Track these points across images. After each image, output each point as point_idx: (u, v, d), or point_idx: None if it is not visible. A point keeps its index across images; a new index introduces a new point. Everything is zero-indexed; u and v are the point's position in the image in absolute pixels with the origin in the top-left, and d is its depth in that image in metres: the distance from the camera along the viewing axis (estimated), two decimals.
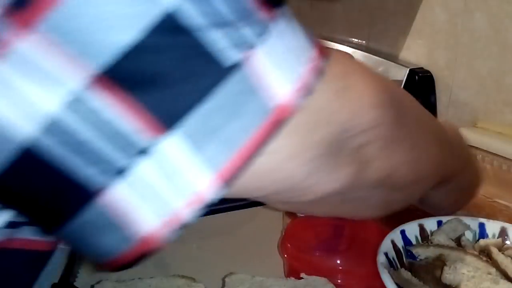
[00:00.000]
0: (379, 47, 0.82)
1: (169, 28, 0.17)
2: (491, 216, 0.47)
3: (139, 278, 0.38)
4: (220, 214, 0.52)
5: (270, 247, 0.44)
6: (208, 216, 0.53)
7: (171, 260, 0.43)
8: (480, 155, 0.57)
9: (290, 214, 0.44)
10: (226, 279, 0.37)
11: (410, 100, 0.29)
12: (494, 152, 0.57)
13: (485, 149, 0.58)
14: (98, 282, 0.37)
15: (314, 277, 0.36)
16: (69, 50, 0.16)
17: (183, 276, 0.38)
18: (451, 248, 0.36)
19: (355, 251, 0.41)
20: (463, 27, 0.67)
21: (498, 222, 0.39)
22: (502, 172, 0.54)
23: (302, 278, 0.36)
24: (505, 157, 0.55)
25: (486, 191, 0.54)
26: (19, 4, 0.16)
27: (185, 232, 0.50)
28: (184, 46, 0.17)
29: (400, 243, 0.36)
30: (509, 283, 0.32)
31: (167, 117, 0.18)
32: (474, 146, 0.59)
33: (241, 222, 0.51)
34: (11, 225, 0.21)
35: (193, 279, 0.38)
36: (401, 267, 0.34)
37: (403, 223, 0.37)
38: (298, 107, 0.20)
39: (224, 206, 0.54)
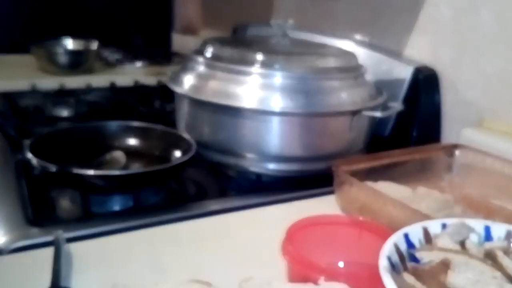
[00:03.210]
0: (382, 44, 0.81)
1: None
2: (489, 217, 0.47)
3: (154, 283, 0.37)
4: (221, 215, 0.52)
5: (271, 249, 0.43)
6: (208, 218, 0.53)
7: (170, 262, 0.42)
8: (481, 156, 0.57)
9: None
10: (242, 284, 0.37)
11: None
12: (501, 152, 0.57)
13: (491, 149, 0.57)
14: (112, 287, 0.37)
15: (333, 283, 0.35)
16: None
17: (198, 281, 0.37)
18: (455, 251, 0.35)
19: (358, 254, 0.41)
20: (469, 24, 0.66)
21: (503, 225, 0.38)
22: (504, 175, 0.54)
23: (319, 284, 0.35)
24: (507, 159, 0.55)
25: (484, 193, 0.53)
26: None
27: (184, 234, 0.50)
28: None
29: (403, 247, 0.35)
30: None
31: None
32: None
33: (241, 224, 0.51)
34: None
35: (209, 284, 0.37)
36: (404, 271, 0.34)
37: None
38: None
39: (225, 207, 0.54)
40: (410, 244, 0.35)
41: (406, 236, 0.36)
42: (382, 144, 0.67)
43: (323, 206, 0.53)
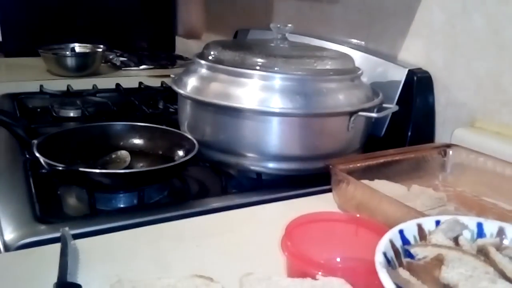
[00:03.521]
0: (378, 48, 0.82)
1: None
2: (481, 214, 0.48)
3: (158, 278, 0.38)
4: (221, 213, 0.52)
5: (271, 245, 0.44)
6: (210, 215, 0.53)
7: (173, 258, 0.43)
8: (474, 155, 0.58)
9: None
10: (243, 279, 0.37)
11: None
12: (492, 151, 0.57)
13: (483, 149, 0.58)
14: (117, 282, 0.37)
15: (330, 278, 0.36)
16: None
17: (200, 276, 0.38)
18: (449, 247, 0.35)
19: (355, 249, 0.42)
20: (461, 28, 0.67)
21: (496, 221, 0.39)
22: (496, 173, 0.55)
23: (317, 279, 0.36)
24: (499, 158, 0.55)
25: (476, 191, 0.55)
26: None
27: (187, 231, 0.50)
28: None
29: (398, 243, 0.35)
30: (506, 282, 0.32)
31: None
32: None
33: (241, 220, 0.51)
34: None
35: (211, 279, 0.38)
36: (400, 266, 0.34)
37: None
38: None
39: (226, 205, 0.55)
40: (405, 240, 0.36)
41: (401, 232, 0.36)
42: (377, 144, 0.68)
43: (321, 203, 0.54)
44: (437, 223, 0.38)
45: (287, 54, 0.64)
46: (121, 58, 1.32)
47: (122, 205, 0.55)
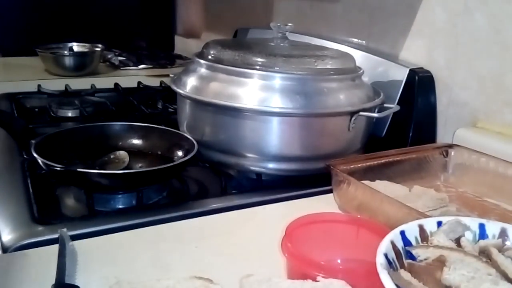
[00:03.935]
0: (379, 47, 0.82)
1: None
2: (483, 215, 0.48)
3: (157, 279, 0.38)
4: (220, 214, 0.52)
5: (271, 246, 0.44)
6: (208, 216, 0.53)
7: (172, 259, 0.43)
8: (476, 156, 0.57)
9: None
10: (243, 281, 0.37)
11: None
12: (495, 152, 0.57)
13: (485, 149, 0.58)
14: (116, 283, 0.37)
15: (331, 279, 0.36)
16: None
17: (200, 277, 0.38)
18: (451, 249, 0.35)
19: (356, 251, 0.42)
20: (463, 27, 0.67)
21: (498, 222, 0.39)
22: (498, 174, 0.55)
23: (318, 281, 0.36)
24: (501, 159, 0.55)
25: (478, 191, 0.54)
26: None
27: (186, 232, 0.50)
28: None
29: (399, 244, 0.35)
30: (509, 284, 0.32)
31: None
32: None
33: (241, 221, 0.51)
34: None
35: (211, 281, 0.38)
36: (401, 268, 0.34)
37: None
38: None
39: (225, 206, 0.54)
40: (406, 242, 0.36)
41: (402, 233, 0.36)
42: (379, 144, 0.68)
43: (321, 204, 0.54)
44: (439, 224, 0.38)
45: (287, 53, 0.64)
46: (120, 58, 1.32)
47: (120, 206, 0.55)
